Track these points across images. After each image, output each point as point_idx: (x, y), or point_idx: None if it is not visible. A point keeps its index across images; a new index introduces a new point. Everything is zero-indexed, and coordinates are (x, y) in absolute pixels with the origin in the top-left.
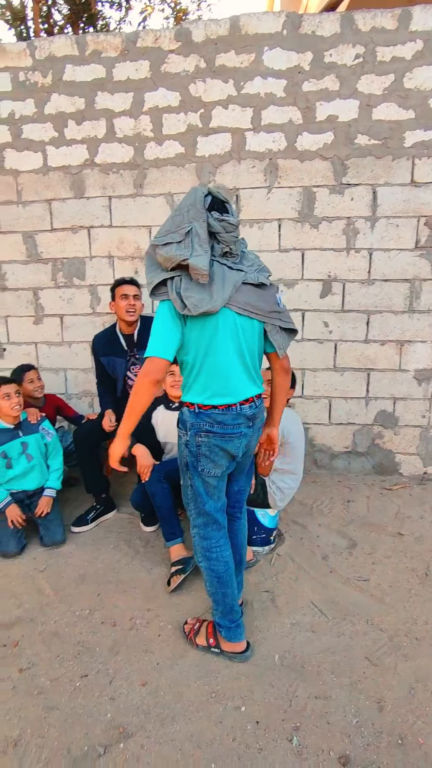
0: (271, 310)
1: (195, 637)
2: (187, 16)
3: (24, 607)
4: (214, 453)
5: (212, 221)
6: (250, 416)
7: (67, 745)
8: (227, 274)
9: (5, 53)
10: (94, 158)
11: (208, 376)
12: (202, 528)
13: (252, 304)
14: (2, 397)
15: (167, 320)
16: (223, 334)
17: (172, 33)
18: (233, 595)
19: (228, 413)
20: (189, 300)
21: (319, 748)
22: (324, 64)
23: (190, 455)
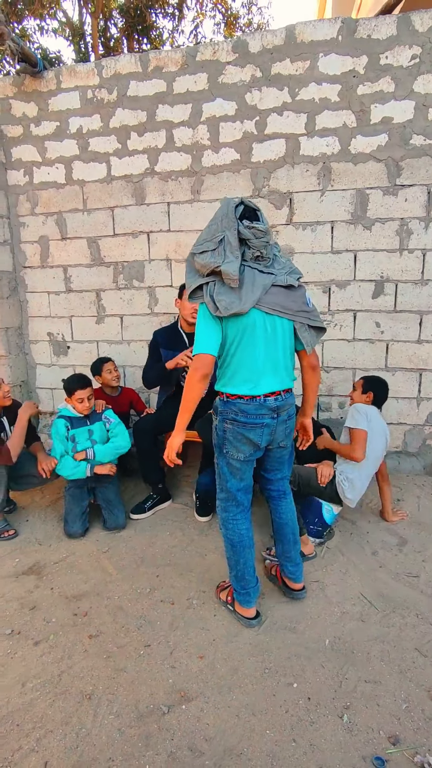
0: (299, 309)
1: (221, 592)
2: (238, 21)
3: (91, 582)
4: (237, 439)
5: (242, 229)
6: (274, 408)
7: (135, 702)
8: (257, 277)
9: (75, 73)
10: (154, 167)
11: (236, 369)
12: (224, 502)
13: (280, 304)
14: (77, 400)
15: (208, 320)
16: (252, 331)
17: (230, 45)
18: (246, 564)
19: (251, 403)
20: (220, 303)
21: (369, 727)
22: (379, 66)
23: (218, 438)
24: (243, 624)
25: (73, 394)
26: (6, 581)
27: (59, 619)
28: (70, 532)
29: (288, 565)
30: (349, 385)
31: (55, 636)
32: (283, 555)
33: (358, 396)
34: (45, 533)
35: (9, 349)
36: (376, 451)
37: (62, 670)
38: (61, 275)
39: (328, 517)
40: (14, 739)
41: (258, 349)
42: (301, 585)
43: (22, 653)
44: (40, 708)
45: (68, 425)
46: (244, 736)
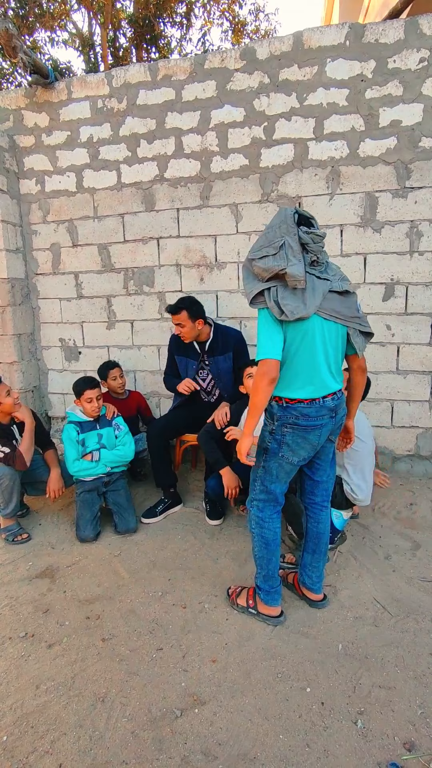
0: (352, 315)
1: (236, 598)
2: (245, 28)
3: (103, 586)
4: (297, 443)
5: (302, 234)
6: (333, 408)
7: (148, 705)
8: (316, 283)
9: (86, 84)
10: (163, 173)
11: (295, 373)
12: (263, 502)
13: (336, 311)
14: (86, 400)
15: (270, 325)
16: (311, 336)
17: (238, 53)
18: (276, 563)
19: (312, 406)
20: (286, 307)
21: (384, 733)
22: (387, 70)
23: (274, 442)
24: (270, 623)
25: (82, 395)
26: (20, 584)
27: (72, 622)
28: (82, 536)
29: (313, 575)
30: None
31: (69, 639)
32: (310, 565)
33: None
34: (57, 537)
35: (21, 355)
36: (369, 446)
37: (75, 673)
38: (72, 282)
39: (338, 523)
40: (29, 741)
41: (316, 352)
42: (321, 595)
43: (36, 656)
44: (54, 710)
45: (78, 429)
46: (257, 740)
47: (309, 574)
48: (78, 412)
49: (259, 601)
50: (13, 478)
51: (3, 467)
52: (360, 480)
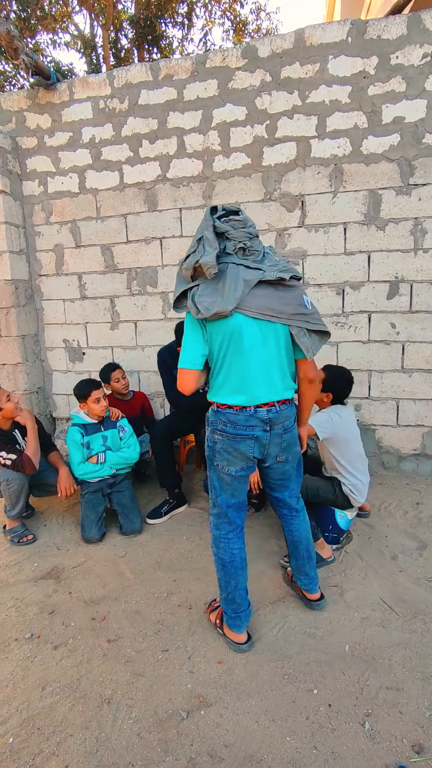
0: (295, 312)
1: (210, 612)
2: (247, 27)
3: (108, 587)
4: (227, 451)
5: (218, 223)
6: (266, 420)
7: (154, 707)
8: (242, 273)
9: (88, 84)
10: (166, 173)
11: (225, 377)
12: (215, 518)
13: (273, 308)
14: (93, 401)
15: (190, 331)
16: (239, 338)
17: (239, 51)
18: (236, 586)
19: (241, 414)
20: (201, 304)
21: (392, 735)
22: (390, 66)
23: (209, 450)
24: (232, 648)
25: (89, 396)
26: (25, 585)
27: (78, 623)
28: (87, 537)
29: (303, 578)
30: (365, 387)
31: (74, 640)
32: (297, 569)
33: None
34: (63, 538)
35: (26, 356)
36: (359, 448)
37: (81, 675)
38: (75, 282)
39: (343, 523)
40: (35, 743)
41: (247, 356)
42: (317, 595)
43: (42, 657)
44: (60, 712)
45: (82, 432)
46: (264, 742)
47: (299, 577)
48: (82, 415)
49: (225, 624)
50: (22, 482)
51: (11, 471)
52: (358, 482)
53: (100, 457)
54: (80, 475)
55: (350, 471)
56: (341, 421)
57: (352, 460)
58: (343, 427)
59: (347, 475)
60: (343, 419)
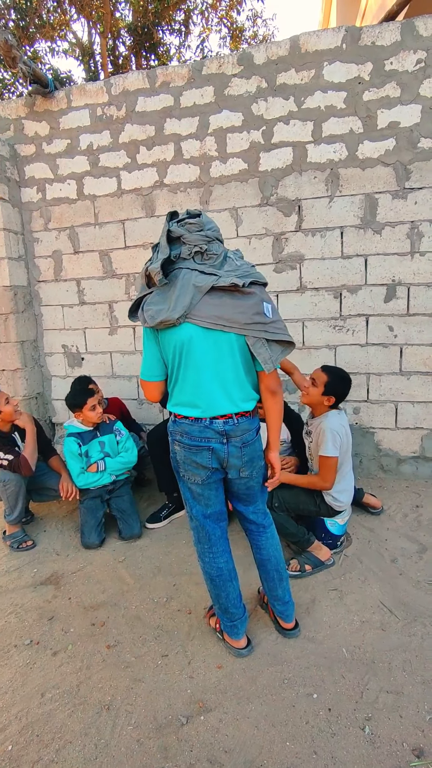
0: (250, 321)
1: (210, 618)
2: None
3: (108, 592)
4: (187, 462)
5: (173, 227)
6: (222, 432)
7: (153, 712)
8: (194, 278)
9: (85, 92)
10: (163, 179)
11: (180, 388)
12: (194, 531)
13: (224, 318)
14: (89, 408)
15: (145, 341)
16: (188, 348)
17: (235, 58)
18: (227, 597)
19: (195, 425)
20: (146, 313)
21: (392, 739)
22: (384, 72)
23: (173, 460)
24: (233, 654)
25: (85, 405)
26: (25, 591)
27: (77, 629)
28: (87, 543)
29: (276, 604)
30: (363, 390)
31: (74, 646)
32: (269, 593)
33: (317, 394)
34: (62, 543)
35: (25, 361)
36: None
37: (81, 681)
38: (74, 288)
39: (335, 529)
40: (34, 750)
41: (199, 368)
42: (292, 624)
43: (41, 663)
44: (59, 719)
45: (79, 442)
46: (264, 747)
47: (273, 603)
48: (77, 423)
49: (224, 631)
50: (19, 483)
51: (8, 473)
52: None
53: (100, 465)
54: (82, 485)
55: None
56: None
57: (343, 468)
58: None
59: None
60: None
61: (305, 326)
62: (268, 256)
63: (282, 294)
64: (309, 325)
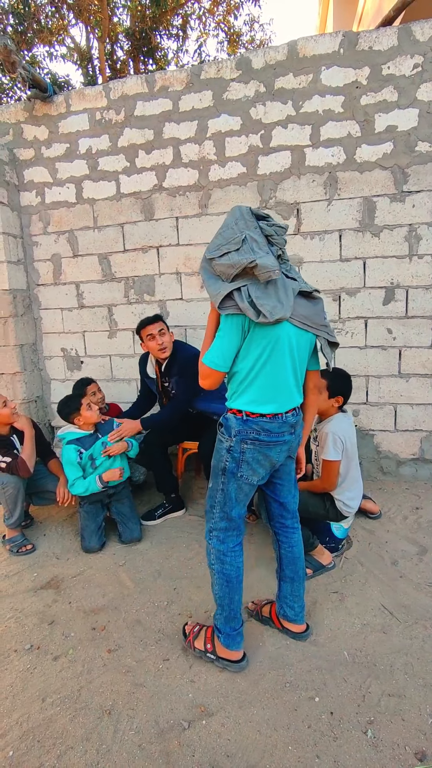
0: (321, 323)
1: (194, 640)
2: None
3: (108, 596)
4: (257, 461)
5: (264, 225)
6: (293, 423)
7: (155, 717)
8: (287, 281)
9: (84, 96)
10: (162, 183)
11: (261, 385)
12: (223, 532)
13: (308, 318)
14: (86, 407)
15: (230, 333)
16: (281, 345)
17: (233, 63)
18: (239, 602)
19: (275, 421)
20: (264, 307)
21: (395, 743)
22: (382, 76)
23: (232, 461)
24: (231, 669)
25: (81, 407)
26: (25, 596)
27: (78, 633)
28: (87, 547)
29: (295, 605)
30: (362, 393)
31: (74, 651)
32: (291, 594)
33: (325, 401)
34: (62, 547)
35: (24, 365)
36: (356, 456)
37: (81, 685)
38: (73, 292)
39: (339, 533)
40: (35, 756)
41: (285, 364)
42: (304, 626)
43: (42, 668)
44: (60, 724)
45: (80, 449)
46: (266, 752)
47: (291, 605)
48: (74, 429)
49: (219, 645)
50: (17, 485)
51: (7, 476)
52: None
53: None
54: (80, 493)
55: (347, 486)
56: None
57: (351, 473)
58: (350, 440)
59: (343, 491)
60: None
61: None
62: None
63: None
64: None
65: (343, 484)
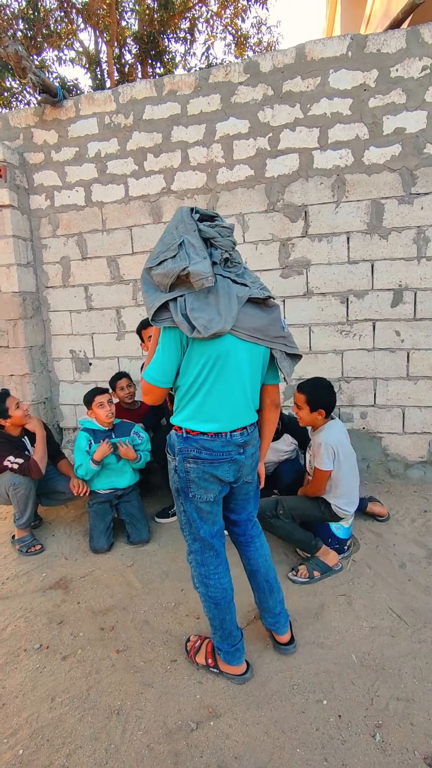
0: (277, 335)
1: (195, 655)
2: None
3: (116, 597)
4: (203, 479)
5: (204, 227)
6: (241, 443)
7: (163, 718)
8: (232, 288)
9: (93, 101)
10: (170, 186)
11: (202, 402)
12: (199, 554)
13: (259, 330)
14: (97, 405)
15: (168, 346)
16: (224, 362)
17: (241, 66)
18: (231, 620)
19: (217, 440)
20: (198, 321)
21: (404, 747)
22: (390, 79)
23: (180, 481)
24: (235, 682)
25: (93, 401)
26: (34, 596)
27: (86, 633)
28: (95, 547)
29: (266, 616)
30: (370, 395)
31: (83, 651)
32: (259, 604)
33: (307, 415)
34: (70, 548)
35: (33, 367)
36: (352, 461)
37: (90, 685)
38: (82, 294)
39: (341, 533)
40: (45, 755)
41: (231, 380)
42: (287, 636)
43: (51, 668)
44: (69, 723)
45: (90, 439)
46: (274, 754)
47: (263, 615)
48: (93, 420)
49: (220, 661)
50: (29, 487)
51: (19, 476)
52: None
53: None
54: (82, 475)
55: (341, 492)
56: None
57: (346, 479)
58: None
59: (338, 495)
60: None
61: (312, 331)
62: (274, 262)
63: (288, 299)
64: (315, 330)
65: (337, 490)
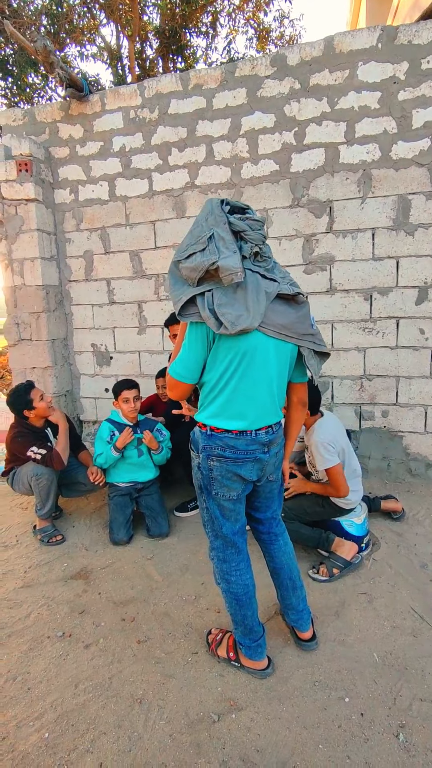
0: (305, 332)
1: (216, 648)
2: (270, 34)
3: (137, 588)
4: (226, 477)
5: (234, 220)
6: (266, 442)
7: (185, 709)
8: (261, 283)
9: (119, 95)
10: (194, 181)
11: (228, 400)
12: (221, 551)
13: (288, 327)
14: (122, 400)
15: (194, 342)
16: (250, 359)
17: (268, 60)
18: (253, 616)
19: (241, 438)
20: (225, 317)
21: (427, 748)
22: (421, 71)
23: (204, 478)
24: (256, 677)
25: (120, 395)
26: (56, 585)
27: (108, 623)
28: (115, 539)
29: (290, 613)
30: (392, 393)
31: (105, 640)
32: (282, 602)
33: None
34: (91, 539)
35: (55, 360)
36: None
37: (113, 674)
38: (104, 288)
39: (354, 530)
40: (69, 739)
41: (257, 379)
42: (309, 633)
43: (74, 655)
44: (92, 710)
45: (114, 430)
46: (296, 749)
47: (286, 612)
48: (119, 413)
49: (242, 655)
50: (51, 477)
51: (41, 467)
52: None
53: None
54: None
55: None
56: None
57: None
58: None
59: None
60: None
61: (334, 328)
62: (298, 258)
63: (312, 295)
64: (338, 326)
65: None
